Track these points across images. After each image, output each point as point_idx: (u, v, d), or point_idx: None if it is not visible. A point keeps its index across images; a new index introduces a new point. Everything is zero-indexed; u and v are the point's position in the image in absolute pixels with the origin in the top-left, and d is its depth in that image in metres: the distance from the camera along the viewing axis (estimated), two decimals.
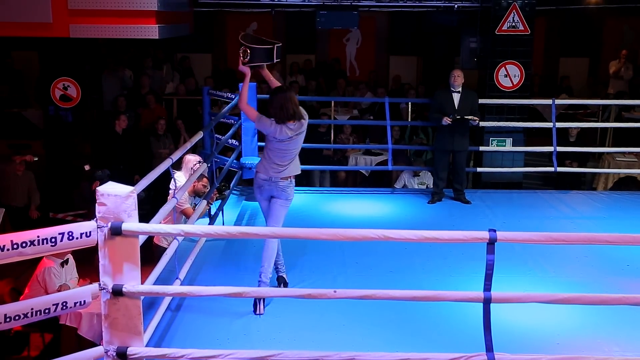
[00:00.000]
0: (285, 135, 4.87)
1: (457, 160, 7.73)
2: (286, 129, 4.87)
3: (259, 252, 5.94)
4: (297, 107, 4.88)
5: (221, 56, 13.90)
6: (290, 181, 5.00)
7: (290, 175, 4.98)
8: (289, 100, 4.87)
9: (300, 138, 4.94)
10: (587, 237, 4.06)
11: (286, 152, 4.94)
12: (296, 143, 4.94)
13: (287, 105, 4.85)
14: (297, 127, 4.90)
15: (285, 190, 4.97)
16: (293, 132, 4.89)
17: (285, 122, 4.86)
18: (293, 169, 4.99)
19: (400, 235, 3.77)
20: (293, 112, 4.86)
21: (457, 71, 7.62)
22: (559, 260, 5.86)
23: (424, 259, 5.87)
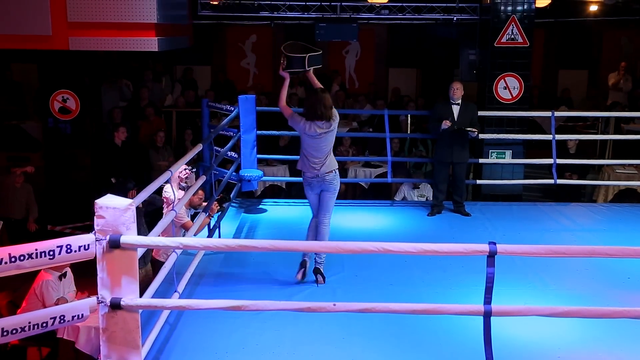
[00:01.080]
0: (314, 132, 5.46)
1: (456, 173, 7.73)
2: (315, 126, 5.46)
3: (258, 265, 5.96)
4: (326, 108, 5.45)
5: (221, 68, 13.95)
6: (335, 173, 5.60)
7: (332, 168, 5.57)
8: (319, 101, 5.45)
9: (329, 136, 5.50)
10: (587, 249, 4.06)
11: (318, 148, 5.51)
12: (326, 140, 5.51)
13: (317, 106, 5.44)
14: (325, 126, 5.46)
15: (332, 183, 5.61)
16: (321, 129, 5.46)
17: (314, 120, 5.45)
18: (331, 164, 5.58)
19: (399, 248, 3.76)
20: (321, 113, 5.43)
21: (457, 83, 7.64)
22: (559, 273, 5.85)
23: (424, 272, 5.86)
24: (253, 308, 3.91)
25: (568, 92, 13.17)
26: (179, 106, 11.51)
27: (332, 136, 5.52)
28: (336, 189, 5.64)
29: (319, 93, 5.51)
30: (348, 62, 14.37)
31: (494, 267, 3.66)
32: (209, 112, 8.18)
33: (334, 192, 5.62)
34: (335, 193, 5.65)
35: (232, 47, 14.13)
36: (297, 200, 8.63)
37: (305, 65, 5.63)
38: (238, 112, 7.74)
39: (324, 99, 5.46)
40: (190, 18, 9.65)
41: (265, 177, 8.42)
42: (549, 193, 9.80)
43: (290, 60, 5.64)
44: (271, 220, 7.63)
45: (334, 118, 5.50)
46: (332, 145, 5.58)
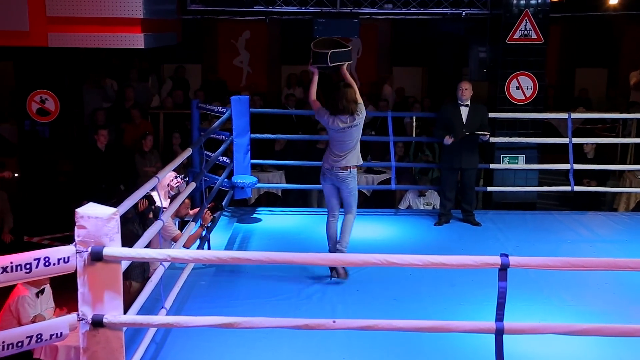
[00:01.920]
0: (337, 126, 5.90)
1: (465, 179, 7.74)
2: (338, 120, 5.89)
3: (252, 278, 5.96)
4: (348, 102, 5.85)
5: (212, 67, 13.96)
6: (350, 172, 5.96)
7: (349, 165, 5.93)
8: (342, 96, 5.86)
9: (353, 131, 5.88)
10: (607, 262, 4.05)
11: (342, 142, 5.92)
12: (350, 135, 5.90)
13: (339, 100, 5.87)
14: (349, 120, 5.87)
15: (345, 180, 5.97)
16: (344, 124, 5.88)
17: (337, 115, 5.87)
18: (351, 160, 5.94)
19: (404, 260, 3.76)
20: (343, 107, 5.86)
21: (465, 83, 7.65)
22: (577, 288, 5.84)
23: (431, 286, 5.85)
24: (246, 325, 3.90)
25: (586, 92, 13.18)
26: (166, 107, 11.51)
27: (356, 131, 5.90)
28: (350, 187, 6.00)
29: (342, 87, 5.92)
30: None
31: (506, 281, 3.65)
32: (199, 114, 8.18)
33: (350, 189, 6.00)
34: (352, 191, 6.02)
35: (224, 44, 14.14)
36: (293, 209, 8.64)
37: (328, 62, 6.01)
38: (230, 114, 7.76)
39: (347, 93, 5.87)
40: (179, 13, 9.67)
41: (259, 184, 8.42)
42: (565, 201, 9.79)
43: (315, 56, 6.07)
44: (266, 230, 7.63)
45: (359, 113, 5.88)
46: (357, 141, 5.95)
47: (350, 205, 6.09)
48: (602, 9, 11.54)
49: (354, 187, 6.04)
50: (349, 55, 6.20)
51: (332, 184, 6.07)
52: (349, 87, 5.95)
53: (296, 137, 9.70)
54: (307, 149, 10.28)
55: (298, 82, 13.39)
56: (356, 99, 5.92)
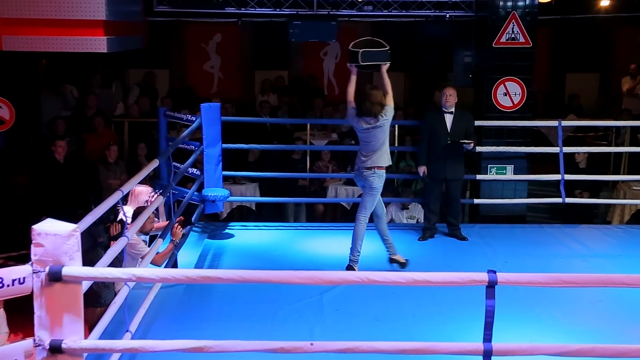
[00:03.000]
0: (362, 127, 6.44)
1: (450, 191, 7.78)
2: (362, 121, 6.42)
3: (224, 299, 5.93)
4: (372, 104, 6.35)
5: (180, 73, 13.91)
6: (374, 172, 6.44)
7: (373, 165, 6.43)
8: (366, 97, 6.39)
9: (378, 132, 6.38)
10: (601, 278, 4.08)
11: (368, 143, 6.46)
12: (374, 136, 6.40)
13: (363, 102, 6.39)
14: (372, 122, 6.38)
15: (368, 179, 6.47)
16: (368, 125, 6.40)
17: (361, 115, 6.41)
18: (376, 161, 6.44)
19: (386, 278, 3.76)
20: (366, 109, 6.38)
21: (449, 89, 7.71)
22: (569, 306, 5.88)
23: (415, 305, 5.86)
24: (218, 349, 3.88)
25: (577, 98, 13.33)
26: (132, 116, 11.46)
27: (381, 133, 6.39)
28: (372, 186, 6.47)
29: (367, 89, 6.44)
30: (327, 66, 14.43)
31: (494, 299, 3.66)
32: (166, 122, 8.16)
33: (370, 189, 6.49)
34: (372, 190, 6.49)
35: (193, 48, 14.11)
36: (268, 224, 8.63)
37: (359, 60, 6.53)
38: (200, 123, 7.74)
39: (371, 95, 6.37)
40: (145, 15, 9.64)
41: (231, 197, 8.41)
42: (556, 213, 9.88)
43: (350, 54, 6.63)
44: (239, 247, 7.61)
45: (383, 115, 6.36)
46: (382, 143, 6.44)
47: (365, 207, 6.57)
48: (594, 10, 11.69)
49: (377, 188, 6.50)
50: (385, 55, 6.64)
51: (361, 186, 6.62)
52: (374, 89, 6.44)
53: (271, 147, 9.70)
54: (282, 160, 10.29)
55: (272, 88, 13.41)
56: (382, 101, 6.38)
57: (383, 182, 6.55)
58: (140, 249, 5.88)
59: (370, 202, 6.57)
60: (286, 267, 6.41)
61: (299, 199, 9.54)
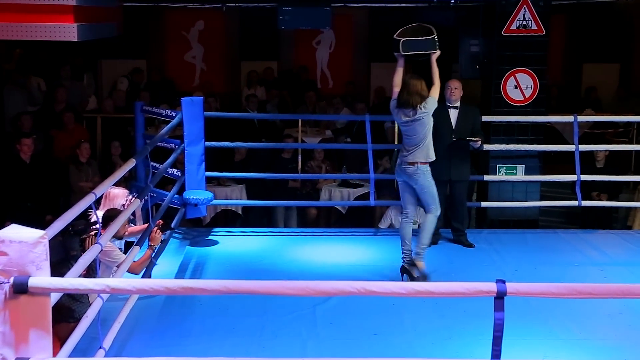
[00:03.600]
0: (401, 119, 6.64)
1: (455, 193, 7.80)
2: (401, 113, 6.61)
3: (207, 311, 5.92)
4: (410, 95, 6.52)
5: (158, 63, 13.92)
6: (417, 167, 6.58)
7: (416, 161, 6.57)
8: (404, 88, 6.58)
9: (417, 126, 6.54)
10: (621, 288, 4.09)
11: (408, 137, 6.62)
12: (414, 130, 6.56)
13: (402, 92, 6.59)
14: (411, 114, 6.55)
15: (413, 176, 6.62)
16: (407, 117, 6.57)
17: (400, 107, 6.59)
18: (418, 155, 6.58)
19: (385, 288, 3.77)
20: (404, 100, 6.56)
21: (454, 82, 7.72)
22: (586, 319, 5.90)
23: (416, 318, 5.87)
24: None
25: (595, 91, 13.37)
26: (105, 111, 11.45)
27: (421, 126, 6.54)
28: (421, 183, 6.62)
29: (407, 79, 6.64)
30: (320, 56, 14.46)
31: (503, 312, 3.67)
32: (143, 118, 8.16)
33: (421, 186, 6.64)
34: (423, 187, 6.63)
35: (173, 36, 14.12)
36: (255, 230, 8.63)
37: (400, 50, 6.78)
38: (181, 119, 7.74)
39: (409, 85, 6.55)
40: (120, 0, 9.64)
41: (215, 201, 8.40)
42: (572, 218, 9.91)
43: (394, 43, 6.83)
44: (224, 254, 7.61)
45: (422, 107, 6.52)
46: (424, 137, 6.56)
47: (428, 203, 6.69)
48: None
49: (426, 184, 6.63)
50: (430, 44, 6.83)
51: (403, 180, 6.73)
52: (414, 78, 6.64)
53: (259, 145, 9.71)
54: (271, 159, 10.30)
55: (260, 80, 13.42)
56: (422, 91, 6.54)
57: (430, 176, 6.69)
58: (116, 256, 5.87)
59: (431, 196, 6.71)
60: (276, 277, 6.41)
61: (289, 202, 9.53)
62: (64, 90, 11.16)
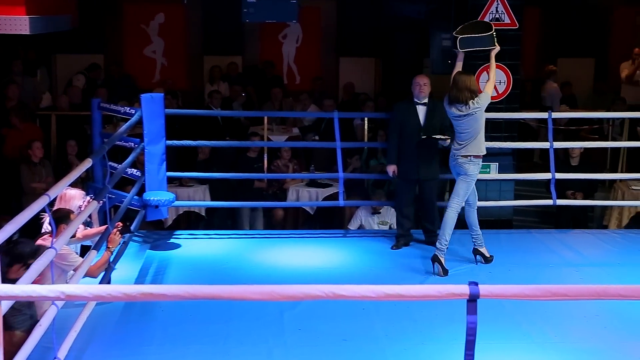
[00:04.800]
0: (453, 114, 7.00)
1: (425, 193, 7.83)
2: (454, 108, 6.98)
3: (169, 318, 5.89)
4: (459, 90, 6.91)
5: (116, 58, 13.82)
6: (470, 159, 7.00)
7: (469, 154, 6.99)
8: (453, 84, 7.00)
9: (470, 121, 6.95)
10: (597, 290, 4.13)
11: (460, 130, 7.02)
12: (467, 124, 6.96)
13: (452, 89, 7.01)
14: (463, 109, 6.93)
15: (463, 166, 7.03)
16: (460, 112, 6.95)
17: (451, 102, 6.99)
18: (470, 149, 7.00)
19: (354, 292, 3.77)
20: (454, 97, 6.95)
21: (423, 78, 7.71)
22: (562, 322, 5.96)
23: (387, 323, 5.89)
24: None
25: (570, 87, 13.49)
26: (60, 108, 11.34)
27: (473, 121, 6.92)
28: (468, 174, 7.02)
29: (455, 75, 7.05)
30: (286, 50, 14.45)
31: (476, 315, 3.69)
32: (101, 115, 8.09)
33: (465, 176, 7.03)
34: (467, 177, 7.03)
35: (131, 30, 14.02)
36: (220, 232, 8.60)
37: (457, 46, 7.26)
38: (140, 116, 7.70)
39: (457, 81, 6.95)
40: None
41: (177, 202, 8.36)
42: (547, 217, 9.99)
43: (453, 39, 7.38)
44: (186, 258, 7.58)
45: (474, 102, 6.87)
46: (477, 132, 6.96)
47: (458, 194, 7.06)
48: None
49: (472, 175, 7.04)
50: (486, 41, 7.25)
51: (456, 174, 7.11)
52: (463, 74, 7.02)
53: (223, 144, 9.67)
54: (236, 158, 10.27)
55: (224, 76, 13.37)
56: (471, 86, 6.91)
57: (479, 170, 7.11)
58: (72, 260, 5.81)
59: (464, 189, 7.06)
60: (241, 281, 6.38)
61: (255, 203, 9.51)
62: (15, 87, 11.04)
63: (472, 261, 7.42)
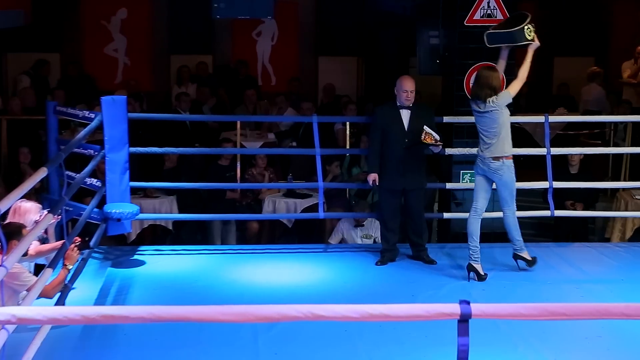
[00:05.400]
0: (473, 109, 7.27)
1: (411, 204, 7.83)
2: (474, 104, 7.23)
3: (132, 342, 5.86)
4: (480, 87, 7.10)
5: (74, 57, 13.77)
6: (503, 163, 7.19)
7: (499, 155, 7.17)
8: (476, 79, 7.24)
9: (487, 120, 7.15)
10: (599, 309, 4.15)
11: (483, 129, 7.24)
12: (485, 123, 7.18)
13: (474, 84, 7.28)
14: (482, 107, 7.15)
15: (498, 172, 7.22)
16: (479, 109, 7.18)
17: (473, 99, 7.25)
18: (494, 151, 7.17)
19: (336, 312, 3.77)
20: (474, 93, 7.21)
21: (409, 83, 7.63)
22: (561, 343, 5.96)
23: (372, 346, 5.88)
24: None
25: (567, 88, 13.58)
26: (12, 112, 11.28)
27: (491, 121, 7.12)
28: (504, 179, 7.23)
29: (480, 69, 7.30)
30: (261, 49, 14.46)
31: (468, 336, 3.69)
32: (57, 120, 8.05)
33: (503, 183, 7.27)
34: (507, 184, 7.27)
35: (90, 26, 13.98)
36: (189, 247, 8.57)
37: (485, 42, 7.38)
38: (101, 121, 7.67)
39: (480, 77, 7.15)
40: None
41: (142, 215, 8.33)
42: (544, 229, 10.02)
43: None
44: (151, 276, 7.55)
45: (491, 102, 7.06)
46: (498, 132, 7.14)
47: (506, 201, 7.34)
48: None
49: (509, 181, 7.25)
50: (515, 36, 7.32)
51: (483, 174, 7.29)
52: (486, 70, 7.20)
53: (192, 151, 9.65)
54: (206, 167, 10.25)
55: (192, 77, 13.35)
56: (492, 84, 7.06)
57: (514, 171, 7.28)
58: (25, 279, 5.77)
59: (511, 194, 7.35)
60: (211, 302, 6.37)
61: (227, 216, 9.50)
62: None
63: (464, 277, 7.44)
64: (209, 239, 9.79)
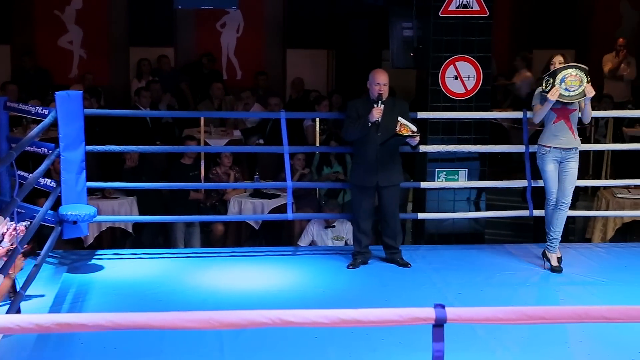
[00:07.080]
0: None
1: (385, 202, 7.84)
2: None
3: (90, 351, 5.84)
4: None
5: (26, 50, 13.67)
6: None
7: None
8: None
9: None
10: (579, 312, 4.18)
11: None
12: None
13: None
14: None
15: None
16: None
17: None
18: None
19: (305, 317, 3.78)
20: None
21: (381, 76, 7.66)
22: (540, 348, 6.00)
23: (343, 353, 5.90)
24: None
25: None
26: None
27: None
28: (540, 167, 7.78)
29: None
30: (225, 41, 14.44)
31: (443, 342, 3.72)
32: (8, 116, 7.99)
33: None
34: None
35: (43, 16, 13.89)
36: (150, 251, 8.55)
37: None
38: (55, 117, 7.62)
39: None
40: None
41: (100, 217, 8.29)
42: (522, 230, 10.08)
43: None
44: (110, 282, 7.52)
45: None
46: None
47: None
48: None
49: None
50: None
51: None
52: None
53: (153, 149, 9.61)
54: (168, 166, 10.21)
55: (153, 71, 13.29)
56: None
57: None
58: None
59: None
60: (174, 308, 6.37)
61: (191, 217, 9.47)
62: None
63: (439, 281, 7.47)
64: (171, 242, 9.76)
